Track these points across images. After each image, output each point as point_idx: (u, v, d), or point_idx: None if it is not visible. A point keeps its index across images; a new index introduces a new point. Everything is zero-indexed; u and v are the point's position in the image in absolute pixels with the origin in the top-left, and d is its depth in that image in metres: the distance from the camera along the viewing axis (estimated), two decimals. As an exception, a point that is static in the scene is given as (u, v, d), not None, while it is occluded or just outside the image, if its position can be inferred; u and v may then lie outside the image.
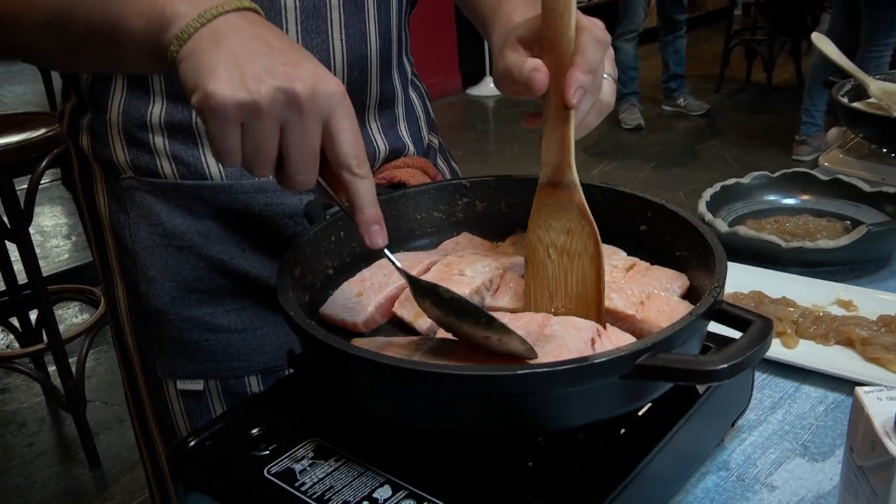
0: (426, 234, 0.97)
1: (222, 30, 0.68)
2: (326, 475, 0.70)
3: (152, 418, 1.13)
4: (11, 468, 2.73)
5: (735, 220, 1.36)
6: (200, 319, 1.04)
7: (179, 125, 0.99)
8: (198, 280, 1.03)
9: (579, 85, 0.74)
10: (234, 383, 1.06)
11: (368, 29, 1.03)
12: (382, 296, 0.83)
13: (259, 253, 1.03)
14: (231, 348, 1.05)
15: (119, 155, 1.01)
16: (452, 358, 0.71)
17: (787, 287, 1.14)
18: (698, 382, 0.71)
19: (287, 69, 0.66)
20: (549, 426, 0.67)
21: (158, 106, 0.98)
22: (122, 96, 0.99)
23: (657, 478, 0.73)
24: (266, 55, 0.67)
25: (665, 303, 0.77)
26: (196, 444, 0.76)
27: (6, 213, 2.41)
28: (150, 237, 1.02)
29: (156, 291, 1.04)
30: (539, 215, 0.82)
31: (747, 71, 6.52)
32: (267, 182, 1.01)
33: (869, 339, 1.00)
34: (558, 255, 0.81)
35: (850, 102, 1.53)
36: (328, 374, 0.72)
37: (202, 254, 1.02)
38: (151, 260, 1.03)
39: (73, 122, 1.06)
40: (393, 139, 1.11)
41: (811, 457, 0.86)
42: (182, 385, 1.07)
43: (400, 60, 1.13)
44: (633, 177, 4.90)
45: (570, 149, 0.78)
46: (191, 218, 1.01)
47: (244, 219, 1.02)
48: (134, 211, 1.02)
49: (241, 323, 1.04)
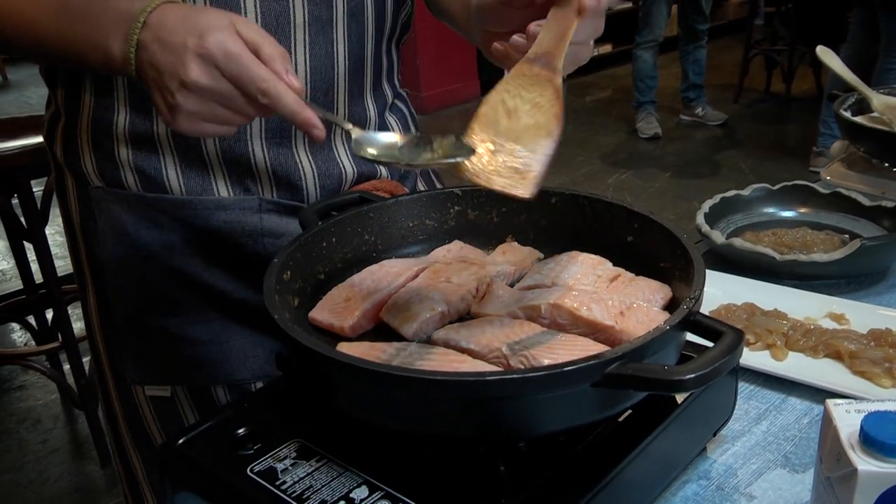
0: (418, 242, 0.99)
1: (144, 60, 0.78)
2: (307, 474, 0.72)
3: (123, 423, 1.14)
4: (25, 464, 2.77)
5: (734, 231, 1.37)
6: (166, 329, 1.05)
7: (142, 135, 1.00)
8: (163, 291, 1.04)
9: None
10: (201, 393, 1.08)
11: (336, 51, 1.02)
12: (370, 302, 0.85)
13: (220, 268, 1.04)
14: (195, 359, 1.06)
15: (87, 164, 1.03)
16: (432, 363, 0.72)
17: (780, 299, 1.15)
18: (666, 392, 0.72)
19: (174, 66, 0.76)
20: (523, 432, 0.69)
21: (123, 115, 1.00)
22: (90, 105, 1.01)
23: (632, 485, 0.75)
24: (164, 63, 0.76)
25: (645, 314, 0.78)
26: (185, 442, 0.78)
27: (23, 213, 2.45)
28: (117, 247, 1.03)
29: (123, 300, 1.06)
30: (512, 81, 0.80)
31: (767, 81, 6.49)
32: (226, 199, 1.02)
33: (857, 353, 1.01)
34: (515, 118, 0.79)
35: (853, 116, 1.53)
36: (311, 378, 0.74)
37: (167, 265, 1.03)
38: (118, 269, 1.04)
39: (49, 130, 1.08)
40: (361, 163, 1.10)
41: (792, 468, 0.87)
42: (150, 391, 1.08)
43: (377, 86, 1.11)
44: (649, 186, 4.90)
45: (566, 43, 0.78)
46: (155, 230, 1.02)
47: (204, 233, 1.03)
48: (102, 220, 1.04)
49: (207, 335, 1.05)
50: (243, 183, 1.03)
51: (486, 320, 0.81)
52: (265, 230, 1.03)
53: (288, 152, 1.03)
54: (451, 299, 0.85)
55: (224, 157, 1.01)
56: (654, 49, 5.44)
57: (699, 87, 5.77)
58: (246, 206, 1.02)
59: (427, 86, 6.40)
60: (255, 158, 1.01)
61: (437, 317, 0.84)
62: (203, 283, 1.04)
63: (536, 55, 0.80)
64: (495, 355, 0.75)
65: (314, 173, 1.05)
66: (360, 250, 0.95)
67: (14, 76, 8.29)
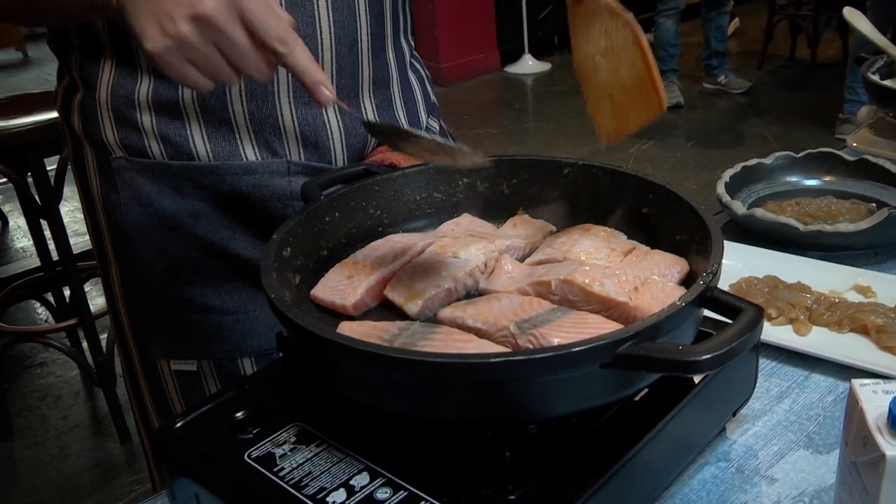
0: (426, 215, 0.95)
1: None
2: (306, 460, 0.69)
3: (149, 399, 1.13)
4: (47, 440, 2.78)
5: (755, 201, 1.33)
6: (192, 300, 1.04)
7: (166, 103, 0.98)
8: (188, 261, 1.03)
9: None
10: (228, 364, 1.06)
11: (358, 5, 1.01)
12: (374, 278, 0.82)
13: (249, 235, 1.03)
14: (223, 330, 1.04)
15: (108, 134, 1.01)
16: (436, 344, 0.69)
17: (803, 272, 1.11)
18: (680, 373, 0.69)
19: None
20: (530, 415, 0.65)
21: (146, 83, 0.98)
22: (110, 74, 0.99)
23: (646, 468, 0.71)
24: None
25: (660, 289, 0.74)
26: (182, 426, 0.76)
27: (37, 191, 2.44)
28: (141, 217, 1.02)
29: (148, 272, 1.04)
30: (577, 33, 0.87)
31: (791, 47, 6.35)
32: (255, 163, 1.00)
33: (884, 327, 0.96)
34: (605, 58, 0.85)
35: (882, 80, 1.47)
36: (311, 360, 0.71)
37: (192, 234, 1.02)
38: (142, 240, 1.03)
39: (65, 103, 1.06)
40: (388, 120, 1.10)
41: (815, 449, 0.83)
42: (175, 365, 1.07)
43: (396, 41, 1.11)
44: (671, 156, 4.82)
45: None
46: (180, 198, 1.01)
47: (233, 200, 1.01)
48: (124, 191, 1.02)
49: (233, 304, 1.04)
50: (270, 146, 1.01)
51: (493, 297, 0.77)
52: (294, 193, 1.02)
53: (316, 111, 1.02)
54: (457, 275, 0.81)
55: (251, 119, 1.00)
56: (676, 16, 5.34)
57: (722, 54, 5.67)
58: (274, 170, 1.01)
59: (446, 56, 6.32)
60: (283, 119, 1.00)
61: (443, 294, 0.80)
62: (230, 252, 1.02)
63: None
64: (503, 334, 0.71)
65: (341, 132, 1.04)
66: (364, 225, 0.92)
67: (35, 53, 8.29)
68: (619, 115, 0.86)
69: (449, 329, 0.73)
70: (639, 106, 0.84)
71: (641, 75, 0.83)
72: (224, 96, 0.97)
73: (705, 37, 5.61)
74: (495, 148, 5.07)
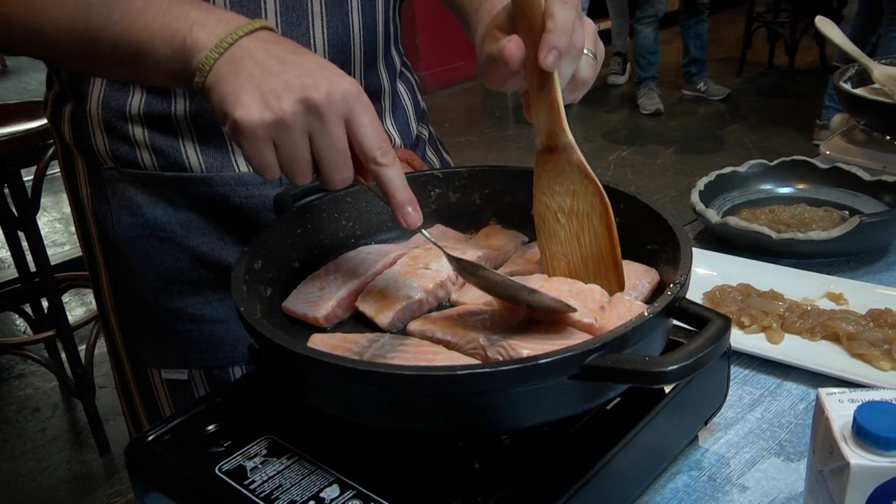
0: (397, 227, 0.95)
1: (238, 56, 0.72)
2: (277, 473, 0.69)
3: (141, 407, 1.13)
4: (25, 452, 2.76)
5: (730, 209, 1.34)
6: (183, 310, 1.03)
7: (158, 116, 0.98)
8: (180, 271, 1.02)
9: (552, 46, 0.73)
10: (219, 373, 1.06)
11: (352, 21, 1.01)
12: (345, 290, 0.82)
13: (240, 244, 1.02)
14: (214, 339, 1.04)
15: (100, 145, 1.01)
16: (405, 356, 0.69)
17: (777, 279, 1.11)
18: (647, 385, 0.69)
19: (301, 80, 0.70)
20: (500, 427, 0.66)
21: (138, 97, 0.98)
22: (101, 87, 0.99)
23: (618, 477, 0.72)
24: (281, 71, 0.71)
25: (627, 308, 0.74)
26: (154, 439, 0.76)
27: (14, 202, 2.42)
28: (132, 228, 1.01)
29: (138, 282, 1.03)
30: (541, 182, 0.81)
31: (770, 54, 6.40)
32: (247, 174, 1.00)
33: (855, 335, 0.97)
34: (567, 219, 0.81)
35: (854, 88, 1.49)
36: (281, 372, 0.71)
37: (183, 245, 1.01)
38: (133, 250, 1.02)
39: (55, 112, 1.05)
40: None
41: (787, 456, 0.83)
42: (167, 374, 1.07)
43: (387, 53, 1.11)
44: (651, 163, 4.84)
45: (559, 111, 0.77)
46: (171, 209, 1.00)
47: (225, 211, 1.01)
48: (115, 201, 1.01)
49: (224, 313, 1.04)
50: None
51: (462, 309, 0.78)
52: None
53: None
54: (429, 287, 0.81)
55: None
56: (655, 24, 5.38)
57: (701, 61, 5.71)
58: (267, 181, 1.00)
59: (426, 64, 6.33)
60: None
61: (414, 305, 0.80)
62: (221, 262, 1.02)
63: (543, 143, 0.79)
64: (472, 346, 0.71)
65: None
66: (336, 236, 0.92)
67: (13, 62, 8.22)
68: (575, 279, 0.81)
69: (419, 341, 0.73)
70: (595, 279, 0.80)
71: (604, 251, 0.80)
72: None
73: (684, 44, 5.65)
74: (476, 155, 5.08)
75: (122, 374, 1.14)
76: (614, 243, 0.79)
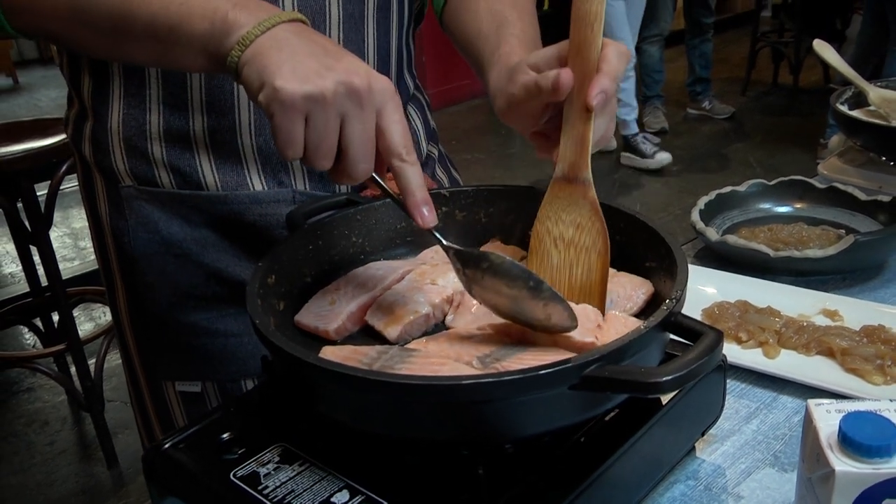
0: (406, 243, 0.99)
1: (280, 36, 0.75)
2: (289, 479, 0.72)
3: (155, 419, 1.16)
4: (33, 465, 2.79)
5: (730, 228, 1.37)
6: (198, 324, 1.07)
7: (177, 134, 1.01)
8: (195, 286, 1.06)
9: (602, 89, 0.77)
10: (231, 386, 1.09)
11: (367, 47, 1.05)
12: (355, 304, 0.85)
13: (254, 261, 1.04)
14: (227, 352, 1.07)
15: (119, 163, 1.04)
16: (412, 367, 0.72)
17: (774, 296, 1.14)
18: (643, 394, 0.72)
19: (345, 65, 0.73)
20: (503, 435, 0.68)
21: (156, 115, 1.01)
22: (120, 105, 1.02)
23: (617, 485, 0.74)
24: (324, 55, 0.74)
25: (623, 324, 0.78)
26: (170, 446, 0.79)
27: (27, 217, 2.46)
28: (149, 244, 1.05)
29: (154, 297, 1.07)
30: (550, 207, 0.84)
31: (774, 73, 6.46)
32: (261, 193, 1.03)
33: (849, 350, 1.00)
34: (565, 248, 0.83)
35: (851, 110, 1.52)
36: (293, 382, 0.74)
37: (199, 261, 1.05)
38: (150, 266, 1.05)
39: (76, 130, 1.09)
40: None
41: (781, 467, 0.86)
42: (181, 387, 1.10)
43: (400, 77, 1.15)
44: (656, 181, 4.88)
45: (587, 148, 0.80)
46: (187, 226, 1.04)
47: (239, 228, 1.04)
48: (133, 218, 1.05)
49: (238, 328, 1.07)
50: (277, 176, 1.05)
51: (453, 333, 0.81)
52: None
53: None
54: (435, 301, 0.85)
55: (259, 152, 1.02)
56: (660, 43, 5.42)
57: (706, 80, 5.76)
58: (280, 199, 1.04)
59: (433, 82, 6.39)
60: None
61: (421, 319, 0.83)
62: (235, 277, 1.05)
63: (564, 172, 0.82)
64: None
65: None
66: (347, 252, 0.95)
67: (25, 79, 8.34)
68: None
69: (426, 353, 0.76)
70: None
71: (593, 288, 0.83)
72: (234, 130, 1.00)
73: (689, 63, 5.70)
74: (482, 172, 5.12)
75: (137, 386, 1.17)
76: (604, 279, 0.83)
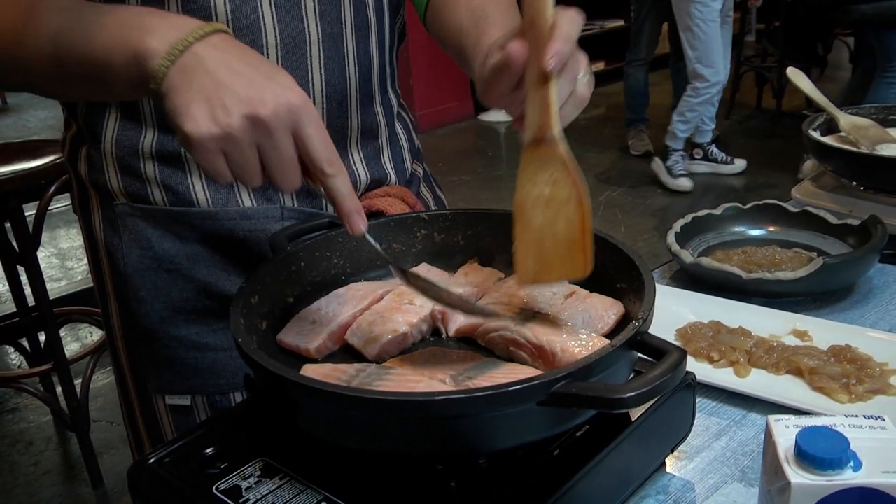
0: (385, 265, 1.01)
1: (190, 65, 0.76)
2: (270, 492, 0.74)
3: (144, 433, 1.18)
4: (17, 486, 2.78)
5: (705, 250, 1.40)
6: (188, 338, 1.09)
7: (169, 154, 1.05)
8: (185, 301, 1.08)
9: (555, 52, 0.77)
10: (220, 399, 1.11)
11: (348, 63, 1.08)
12: (335, 324, 0.88)
13: (243, 276, 1.08)
14: (217, 366, 1.10)
15: (113, 182, 1.07)
16: (389, 384, 0.75)
17: (746, 317, 1.17)
18: (608, 410, 0.74)
19: (250, 94, 0.74)
20: (476, 449, 0.71)
21: (150, 135, 1.04)
22: (115, 126, 1.05)
23: (588, 499, 0.77)
24: (231, 83, 0.74)
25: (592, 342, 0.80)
26: (155, 461, 0.81)
27: (15, 237, 2.48)
28: (141, 260, 1.07)
29: (146, 311, 1.09)
30: (525, 173, 0.84)
31: (758, 97, 6.55)
32: (250, 209, 1.06)
33: (816, 369, 1.03)
34: (545, 207, 0.84)
35: (822, 136, 1.56)
36: (274, 398, 0.77)
37: (190, 276, 1.07)
38: (142, 281, 1.08)
39: (72, 151, 1.12)
40: (375, 169, 1.16)
41: (748, 482, 0.89)
42: (171, 400, 1.12)
43: (384, 94, 1.18)
44: (640, 203, 4.93)
45: (551, 108, 0.80)
46: (179, 242, 1.06)
47: (229, 243, 1.07)
48: (126, 235, 1.08)
49: (227, 342, 1.09)
50: (266, 193, 1.08)
51: (428, 352, 0.84)
52: None
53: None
54: (412, 321, 0.87)
55: None
56: (645, 67, 5.49)
57: (690, 104, 5.80)
58: (269, 215, 1.07)
59: (421, 104, 6.45)
60: None
61: (399, 338, 0.86)
62: (224, 293, 1.08)
63: (532, 135, 0.83)
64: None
65: None
66: (328, 273, 0.98)
67: (13, 100, 8.35)
68: (543, 264, 0.85)
69: (402, 371, 0.79)
70: (564, 263, 0.84)
71: (576, 236, 0.83)
72: None
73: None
74: (468, 194, 5.17)
75: (129, 400, 1.19)
76: (585, 229, 0.82)
